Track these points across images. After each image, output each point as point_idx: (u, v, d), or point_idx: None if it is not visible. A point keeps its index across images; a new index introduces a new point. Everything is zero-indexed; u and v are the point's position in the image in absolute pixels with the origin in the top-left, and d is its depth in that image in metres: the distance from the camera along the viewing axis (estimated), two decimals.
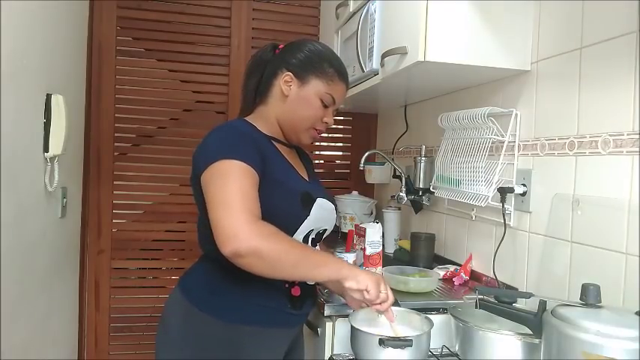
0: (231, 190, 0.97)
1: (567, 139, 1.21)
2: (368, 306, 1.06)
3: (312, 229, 1.16)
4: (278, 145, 1.19)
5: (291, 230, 1.10)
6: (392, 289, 1.40)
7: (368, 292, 0.99)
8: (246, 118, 1.20)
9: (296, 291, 1.15)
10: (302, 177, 1.21)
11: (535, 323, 0.93)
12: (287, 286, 1.14)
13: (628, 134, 1.04)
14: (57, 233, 1.82)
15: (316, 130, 1.20)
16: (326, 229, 1.22)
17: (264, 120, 1.19)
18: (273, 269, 0.97)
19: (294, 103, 1.17)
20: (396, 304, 1.20)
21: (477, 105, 1.52)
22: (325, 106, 1.18)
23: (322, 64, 1.17)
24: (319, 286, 1.29)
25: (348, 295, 1.11)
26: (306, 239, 1.15)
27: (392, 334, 1.03)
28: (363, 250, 1.53)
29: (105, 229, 2.30)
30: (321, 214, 1.16)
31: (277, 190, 1.09)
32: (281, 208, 1.09)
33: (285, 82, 1.17)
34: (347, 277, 1.00)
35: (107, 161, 2.29)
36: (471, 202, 1.48)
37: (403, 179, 1.94)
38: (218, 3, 2.37)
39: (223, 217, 0.94)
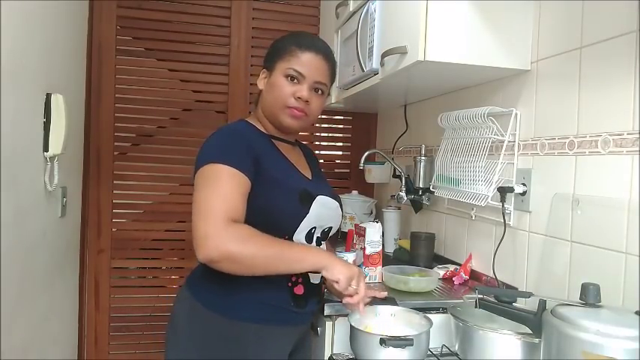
0: (212, 194, 1.00)
1: (567, 138, 1.21)
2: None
3: (315, 227, 1.16)
4: (279, 144, 1.21)
5: (291, 228, 1.11)
6: (392, 288, 1.42)
7: (338, 284, 1.04)
8: (247, 119, 1.24)
9: (299, 289, 1.15)
10: (303, 175, 1.21)
11: (535, 323, 0.93)
12: (290, 285, 1.14)
13: (628, 134, 1.04)
14: (57, 233, 1.81)
15: (293, 108, 1.16)
16: (331, 227, 1.23)
17: (259, 119, 1.23)
18: (250, 270, 1.01)
19: (267, 91, 1.20)
20: (395, 303, 1.21)
21: (477, 105, 1.51)
22: (293, 81, 1.16)
23: (284, 45, 1.19)
24: (324, 285, 1.29)
25: (339, 294, 1.13)
26: (309, 237, 1.16)
27: (392, 334, 1.03)
28: (363, 249, 1.54)
29: (105, 228, 2.30)
30: (323, 211, 1.16)
31: (275, 189, 1.10)
32: (279, 207, 1.10)
33: (261, 80, 1.22)
34: (325, 267, 1.05)
35: (107, 161, 2.29)
36: (470, 201, 1.48)
37: (403, 179, 1.94)
38: (218, 3, 2.36)
39: (198, 223, 0.98)
